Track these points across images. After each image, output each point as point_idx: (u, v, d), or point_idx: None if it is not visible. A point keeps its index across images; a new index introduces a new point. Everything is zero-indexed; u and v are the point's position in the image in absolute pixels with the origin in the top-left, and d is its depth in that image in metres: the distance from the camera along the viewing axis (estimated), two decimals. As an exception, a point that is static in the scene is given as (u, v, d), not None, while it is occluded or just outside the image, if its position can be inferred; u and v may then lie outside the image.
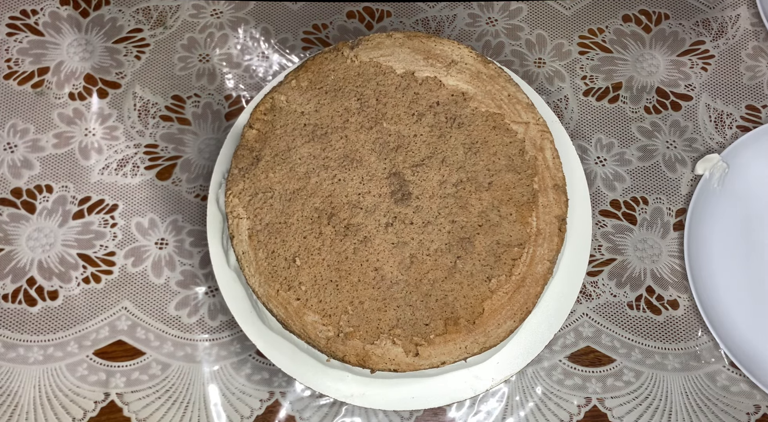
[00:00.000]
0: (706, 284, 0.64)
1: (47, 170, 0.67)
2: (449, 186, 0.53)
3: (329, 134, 0.53)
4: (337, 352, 0.50)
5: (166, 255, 0.65)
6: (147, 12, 0.73)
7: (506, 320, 0.51)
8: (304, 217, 0.52)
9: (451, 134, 0.54)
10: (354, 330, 0.50)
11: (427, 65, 0.55)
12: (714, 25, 0.74)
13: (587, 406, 0.61)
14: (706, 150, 0.70)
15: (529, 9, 0.74)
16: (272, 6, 0.74)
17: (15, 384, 0.61)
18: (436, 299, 0.51)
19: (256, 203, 0.52)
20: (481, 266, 0.51)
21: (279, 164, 0.53)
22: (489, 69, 0.56)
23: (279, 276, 0.51)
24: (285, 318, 0.50)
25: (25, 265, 0.64)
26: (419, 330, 0.50)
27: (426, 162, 0.53)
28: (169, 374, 0.62)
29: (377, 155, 0.53)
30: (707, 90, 0.72)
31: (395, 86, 0.55)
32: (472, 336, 0.51)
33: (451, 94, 0.55)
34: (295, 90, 0.54)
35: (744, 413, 0.61)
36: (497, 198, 0.53)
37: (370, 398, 0.54)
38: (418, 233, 0.52)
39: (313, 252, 0.51)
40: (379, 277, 0.51)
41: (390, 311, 0.50)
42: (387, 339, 0.50)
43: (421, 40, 0.56)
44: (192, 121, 0.69)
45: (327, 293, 0.51)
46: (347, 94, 0.54)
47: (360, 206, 0.52)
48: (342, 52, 0.55)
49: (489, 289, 0.51)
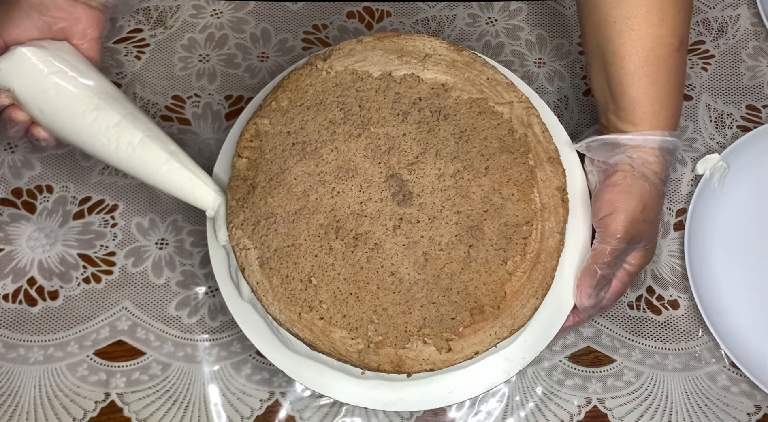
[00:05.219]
0: (707, 284, 0.64)
1: (47, 170, 0.67)
2: (447, 178, 0.53)
3: (319, 148, 0.53)
4: (370, 363, 0.50)
5: (166, 255, 0.65)
6: (147, 12, 0.73)
7: (529, 298, 0.51)
8: (311, 236, 0.51)
9: (439, 126, 0.54)
10: (383, 337, 0.50)
11: (403, 63, 0.55)
12: (714, 25, 0.74)
13: (587, 406, 0.61)
14: (707, 150, 0.70)
15: (529, 9, 0.74)
16: (272, 6, 0.74)
17: (15, 384, 0.61)
18: (458, 292, 0.51)
19: (260, 231, 0.51)
20: (495, 250, 0.52)
21: (275, 188, 0.52)
22: (463, 56, 0.56)
23: (298, 299, 0.50)
24: (312, 340, 0.50)
25: (26, 265, 0.64)
26: (447, 326, 0.50)
27: (420, 159, 0.53)
28: (169, 374, 0.62)
29: (371, 160, 0.53)
30: (707, 90, 0.72)
31: (375, 90, 0.55)
32: (499, 321, 0.51)
33: (432, 88, 0.55)
34: (277, 111, 0.54)
35: (744, 413, 0.61)
36: (496, 181, 0.53)
37: (409, 400, 0.54)
38: (426, 230, 0.52)
39: (327, 269, 0.51)
40: (397, 281, 0.51)
41: (415, 312, 0.50)
42: (417, 340, 0.50)
43: (392, 39, 0.56)
44: (192, 121, 0.69)
45: (349, 307, 0.50)
46: (329, 106, 0.54)
47: (364, 214, 0.52)
48: (316, 65, 0.55)
49: (506, 272, 0.52)
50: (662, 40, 0.54)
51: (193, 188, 0.54)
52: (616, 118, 0.57)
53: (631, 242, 0.55)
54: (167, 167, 0.54)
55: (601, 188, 0.56)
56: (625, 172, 0.55)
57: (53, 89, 0.53)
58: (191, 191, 0.54)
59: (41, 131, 0.55)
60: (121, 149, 0.53)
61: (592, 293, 0.54)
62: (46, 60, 0.53)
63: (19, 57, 0.53)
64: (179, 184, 0.54)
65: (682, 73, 0.57)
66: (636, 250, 0.57)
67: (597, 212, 0.55)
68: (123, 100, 0.55)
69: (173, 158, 0.54)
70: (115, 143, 0.53)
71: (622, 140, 0.56)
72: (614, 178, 0.55)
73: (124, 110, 0.54)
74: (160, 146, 0.54)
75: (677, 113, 0.57)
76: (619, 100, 0.56)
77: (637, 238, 0.55)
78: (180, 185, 0.54)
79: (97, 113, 0.53)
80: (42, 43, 0.54)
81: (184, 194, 0.54)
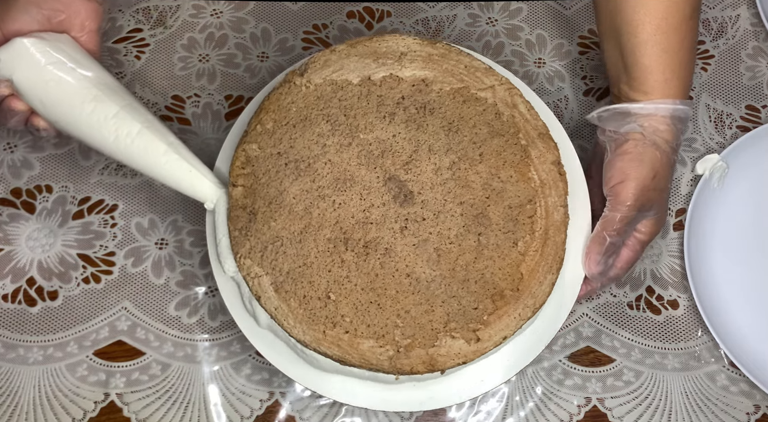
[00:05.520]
0: (706, 284, 0.64)
1: (47, 170, 0.67)
2: (445, 171, 0.53)
3: (312, 164, 0.53)
4: (403, 368, 0.50)
5: (166, 255, 0.65)
6: (147, 12, 0.73)
7: (545, 275, 0.52)
8: (321, 252, 0.51)
9: (427, 121, 0.54)
10: (411, 340, 0.50)
11: (379, 66, 0.55)
12: (714, 25, 0.74)
13: (587, 406, 0.62)
14: (706, 150, 0.70)
15: (529, 9, 0.74)
16: (272, 6, 0.74)
17: (15, 385, 0.61)
18: (475, 281, 0.51)
19: (269, 257, 0.51)
20: (504, 234, 0.52)
21: (276, 211, 0.52)
22: (438, 49, 0.56)
23: (320, 317, 0.50)
24: (341, 355, 0.50)
25: (25, 265, 0.64)
26: (472, 316, 0.51)
27: (414, 157, 0.54)
28: (169, 374, 0.62)
29: (366, 167, 0.53)
30: (707, 90, 0.72)
31: (357, 96, 0.55)
32: (521, 302, 0.51)
33: (412, 85, 0.55)
34: (263, 134, 0.54)
35: (744, 413, 0.62)
36: (493, 166, 0.54)
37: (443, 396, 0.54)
38: (433, 226, 0.52)
39: (343, 282, 0.51)
40: (414, 281, 0.51)
41: (437, 309, 0.51)
42: (445, 336, 0.50)
43: (364, 44, 0.56)
44: (192, 121, 0.69)
45: (372, 316, 0.50)
46: (315, 120, 0.54)
47: (369, 221, 0.52)
48: (294, 82, 0.55)
49: (519, 253, 0.52)
50: (675, 8, 0.55)
51: (191, 180, 0.54)
52: (628, 88, 0.57)
53: (641, 210, 0.55)
54: (166, 159, 0.53)
55: (612, 157, 0.56)
56: (637, 140, 0.55)
57: (52, 80, 0.53)
58: (190, 182, 0.54)
59: (41, 121, 0.55)
60: (120, 140, 0.53)
61: (601, 260, 0.55)
62: (45, 51, 0.53)
63: (19, 48, 0.53)
64: (178, 175, 0.54)
65: (693, 41, 0.57)
66: (646, 218, 0.57)
67: (608, 180, 0.56)
68: (122, 91, 0.55)
69: (172, 149, 0.54)
70: (114, 134, 0.53)
71: (633, 108, 0.56)
72: (625, 146, 0.56)
73: (123, 101, 0.54)
74: (158, 138, 0.54)
75: (688, 82, 0.58)
76: (632, 69, 0.57)
77: (647, 206, 0.56)
78: (179, 177, 0.54)
79: (95, 104, 0.53)
80: (42, 34, 0.54)
81: (183, 185, 0.54)
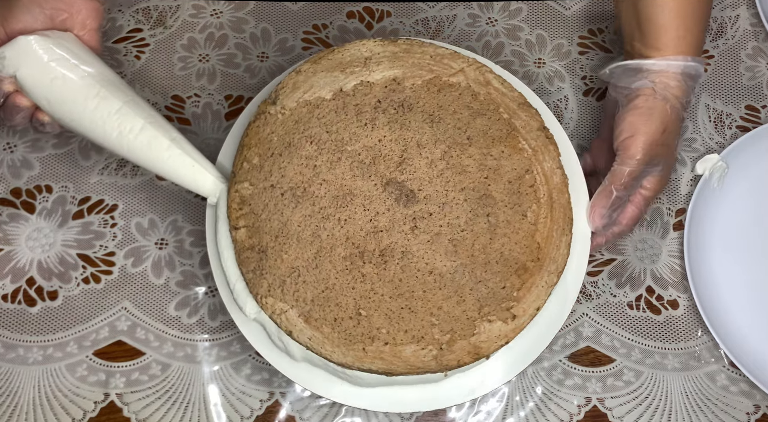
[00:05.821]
0: (706, 284, 0.64)
1: (47, 170, 0.67)
2: (438, 162, 0.54)
3: (308, 188, 0.53)
4: (450, 363, 0.50)
5: (165, 255, 0.65)
6: (147, 12, 0.73)
7: (560, 237, 0.53)
8: (340, 272, 0.51)
9: (408, 119, 0.55)
10: (451, 334, 0.50)
11: (348, 75, 0.56)
12: (713, 26, 0.74)
13: (587, 406, 0.62)
14: (706, 150, 0.70)
15: (529, 9, 0.74)
16: (272, 6, 0.74)
17: (15, 385, 0.61)
18: (497, 262, 0.52)
19: (289, 290, 0.51)
20: (511, 209, 0.53)
21: (285, 243, 0.52)
22: (400, 46, 0.57)
23: (356, 336, 0.50)
24: (386, 368, 0.50)
25: (25, 265, 0.64)
26: (502, 296, 0.51)
27: (405, 156, 0.54)
28: (169, 374, 0.61)
29: (361, 177, 0.53)
30: (707, 90, 0.72)
31: (334, 111, 0.55)
32: (545, 270, 0.52)
33: (385, 86, 0.56)
34: (252, 170, 0.53)
35: (744, 413, 0.62)
36: (483, 146, 0.55)
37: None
38: (442, 219, 0.53)
39: (370, 295, 0.51)
40: (438, 277, 0.51)
41: (468, 298, 0.51)
42: (482, 322, 0.51)
43: (327, 58, 0.56)
44: (192, 121, 0.69)
45: (407, 321, 0.51)
46: (298, 144, 0.54)
47: (378, 229, 0.52)
48: (268, 112, 0.55)
49: (530, 223, 0.53)
50: None
51: (194, 175, 0.54)
52: (641, 44, 0.58)
53: (648, 165, 0.56)
54: (169, 154, 0.54)
55: (622, 112, 0.57)
56: (647, 96, 0.56)
57: (56, 77, 0.53)
58: (193, 177, 0.54)
59: (45, 116, 0.56)
60: (124, 135, 0.54)
61: (606, 213, 0.56)
62: (48, 48, 0.53)
63: (23, 45, 0.53)
64: (181, 170, 0.54)
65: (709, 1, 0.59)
66: (652, 174, 0.58)
67: (618, 134, 0.57)
68: (124, 87, 0.55)
69: (175, 144, 0.54)
70: (117, 129, 0.53)
71: (645, 65, 0.57)
72: (636, 101, 0.57)
73: (126, 97, 0.54)
74: (161, 133, 0.54)
75: (701, 41, 0.59)
76: (646, 26, 0.57)
77: (655, 160, 0.57)
78: (182, 172, 0.54)
79: (98, 100, 0.53)
80: (46, 32, 0.54)
81: (186, 180, 0.54)
